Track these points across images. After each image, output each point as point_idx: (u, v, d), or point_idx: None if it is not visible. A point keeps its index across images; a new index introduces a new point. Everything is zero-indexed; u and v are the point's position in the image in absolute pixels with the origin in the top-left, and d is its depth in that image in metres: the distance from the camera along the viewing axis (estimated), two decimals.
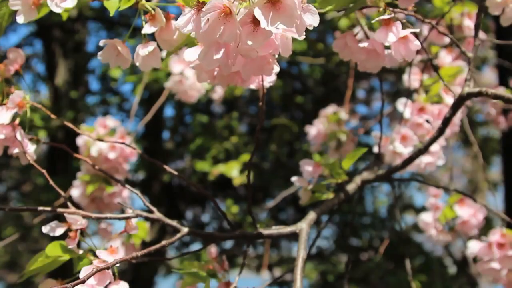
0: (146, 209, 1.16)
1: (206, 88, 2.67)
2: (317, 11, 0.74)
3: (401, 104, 1.60)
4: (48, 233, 1.03)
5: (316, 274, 5.69)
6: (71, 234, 1.03)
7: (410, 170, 1.60)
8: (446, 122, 1.11)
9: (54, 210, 1.07)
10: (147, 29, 0.92)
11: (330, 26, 3.57)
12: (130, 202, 1.93)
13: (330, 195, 1.28)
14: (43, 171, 1.11)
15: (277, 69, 0.84)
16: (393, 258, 4.64)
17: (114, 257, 1.01)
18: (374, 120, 4.22)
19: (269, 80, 0.93)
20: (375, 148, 1.55)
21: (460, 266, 4.87)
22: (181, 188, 5.12)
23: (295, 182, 1.31)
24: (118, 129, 1.89)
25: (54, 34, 5.04)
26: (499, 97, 0.99)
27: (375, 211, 5.74)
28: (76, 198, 1.80)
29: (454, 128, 1.61)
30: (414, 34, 0.94)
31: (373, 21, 0.92)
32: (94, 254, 1.05)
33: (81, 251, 1.05)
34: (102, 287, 0.96)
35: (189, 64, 0.89)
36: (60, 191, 1.11)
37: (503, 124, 2.40)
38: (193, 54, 0.84)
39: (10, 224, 4.88)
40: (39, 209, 1.08)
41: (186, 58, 0.83)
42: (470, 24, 1.77)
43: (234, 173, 3.56)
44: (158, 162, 1.18)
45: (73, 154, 1.22)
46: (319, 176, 1.31)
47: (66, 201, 1.10)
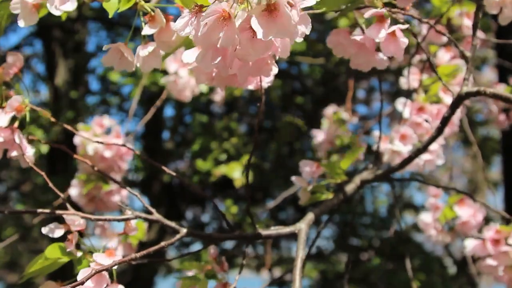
0: (146, 209, 1.16)
1: (204, 89, 2.66)
2: (310, 20, 0.74)
3: (400, 104, 1.60)
4: (47, 234, 1.03)
5: (316, 273, 5.69)
6: (70, 236, 1.03)
7: (410, 169, 1.60)
8: (445, 121, 1.11)
9: (53, 212, 1.07)
10: (147, 30, 0.92)
11: (330, 26, 3.56)
12: (129, 201, 1.93)
13: (330, 195, 1.28)
14: (42, 173, 1.11)
15: (275, 70, 0.84)
16: (393, 258, 4.65)
17: (111, 259, 1.01)
18: (374, 120, 4.21)
19: (267, 80, 0.93)
20: (375, 147, 1.55)
21: (460, 266, 4.87)
22: (181, 188, 5.12)
23: (295, 181, 1.31)
24: (113, 128, 1.89)
25: (54, 34, 5.04)
26: (497, 96, 1.00)
27: (375, 211, 5.73)
28: (74, 197, 1.80)
29: (453, 127, 1.60)
30: (413, 33, 0.94)
31: (365, 15, 0.92)
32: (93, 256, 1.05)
33: (80, 253, 1.05)
34: None
35: (184, 64, 0.89)
36: (59, 193, 1.11)
37: (504, 122, 2.39)
38: (191, 56, 0.84)
39: (10, 224, 4.88)
40: (38, 211, 1.08)
41: (184, 60, 0.83)
42: (468, 23, 1.77)
43: (236, 174, 3.55)
44: (157, 164, 1.18)
45: (72, 154, 1.22)
46: (319, 176, 1.31)
47: (65, 202, 1.10)
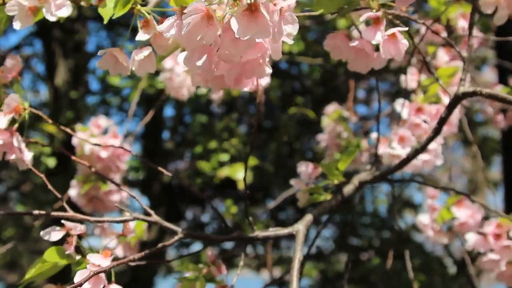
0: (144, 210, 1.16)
1: (203, 90, 2.65)
2: (297, 20, 0.74)
3: (399, 104, 1.60)
4: (46, 238, 1.03)
5: (316, 273, 5.68)
6: (69, 239, 1.03)
7: (409, 170, 1.60)
8: (442, 122, 1.11)
9: (49, 214, 1.07)
10: (141, 36, 0.93)
11: (329, 26, 3.57)
12: (130, 201, 1.92)
13: (328, 197, 1.28)
14: (41, 175, 1.11)
15: (269, 71, 0.84)
16: (393, 257, 4.63)
17: (107, 260, 1.01)
18: (374, 120, 4.21)
19: (263, 82, 0.93)
20: (373, 149, 1.55)
21: (460, 266, 4.87)
22: (181, 188, 5.12)
23: (293, 184, 1.31)
24: (110, 128, 1.88)
25: (54, 34, 5.04)
26: (494, 96, 1.00)
27: (375, 211, 5.73)
28: (73, 198, 1.80)
29: (451, 128, 1.60)
30: (410, 35, 0.94)
31: (361, 18, 0.92)
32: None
33: (78, 256, 1.05)
34: None
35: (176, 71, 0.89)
36: (58, 195, 1.11)
37: (502, 123, 2.38)
38: (181, 56, 0.84)
39: (10, 224, 4.88)
40: (37, 213, 1.07)
41: (179, 62, 0.83)
42: (464, 24, 1.76)
43: (239, 175, 3.54)
44: (154, 165, 1.18)
45: (70, 156, 1.22)
46: (317, 177, 1.31)
47: (64, 204, 1.10)
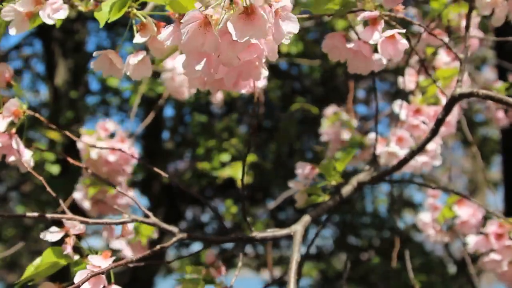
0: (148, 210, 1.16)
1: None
2: (296, 18, 0.74)
3: (397, 105, 1.60)
4: (45, 239, 1.04)
5: (316, 273, 5.68)
6: (67, 240, 1.04)
7: (408, 170, 1.60)
8: (439, 123, 1.12)
9: (50, 216, 1.07)
10: (138, 39, 0.93)
11: (328, 27, 3.57)
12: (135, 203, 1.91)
13: (326, 198, 1.28)
14: (41, 178, 1.11)
15: (265, 73, 0.84)
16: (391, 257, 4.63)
17: (107, 261, 1.01)
18: (374, 120, 4.20)
19: (259, 84, 0.93)
20: (371, 149, 1.54)
21: (460, 266, 4.87)
22: (181, 188, 5.11)
23: (291, 186, 1.31)
24: (118, 132, 1.87)
25: (54, 34, 5.04)
26: (490, 97, 1.00)
27: (375, 211, 5.73)
28: (78, 201, 1.79)
29: (450, 129, 1.60)
30: (407, 37, 0.94)
31: (358, 18, 0.92)
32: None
33: (77, 256, 1.05)
34: None
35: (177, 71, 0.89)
36: (56, 196, 1.11)
37: (503, 120, 2.38)
38: (179, 61, 0.84)
39: (10, 224, 4.88)
40: (36, 215, 1.08)
41: (176, 66, 0.84)
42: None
43: (241, 174, 3.52)
44: (155, 168, 1.19)
45: (70, 160, 1.22)
46: (314, 179, 1.31)
47: (63, 205, 1.10)
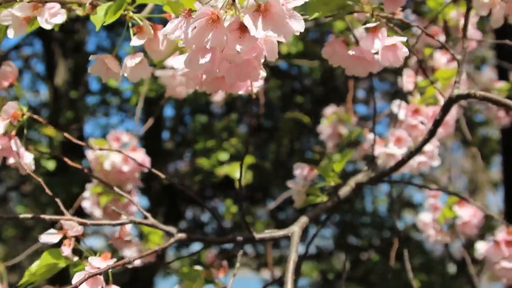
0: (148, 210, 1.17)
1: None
2: (301, 17, 0.74)
3: (395, 105, 1.61)
4: (44, 242, 1.04)
5: (316, 273, 5.69)
6: (66, 241, 1.04)
7: (406, 171, 1.60)
8: (437, 124, 1.12)
9: (48, 218, 1.08)
10: (135, 41, 0.93)
11: (327, 27, 3.57)
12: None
13: (324, 198, 1.28)
14: (40, 180, 1.11)
15: (263, 74, 0.84)
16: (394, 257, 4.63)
17: (107, 262, 1.02)
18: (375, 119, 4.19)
19: (256, 85, 0.93)
20: (370, 150, 1.55)
21: (460, 266, 4.87)
22: (180, 189, 5.10)
23: (290, 186, 1.31)
24: (130, 142, 1.87)
25: (54, 34, 5.03)
26: (488, 99, 1.00)
27: (375, 210, 5.73)
28: (87, 209, 1.79)
29: (448, 129, 1.61)
30: (405, 37, 0.94)
31: (359, 30, 0.92)
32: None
33: (76, 258, 1.06)
34: None
35: (177, 70, 0.89)
36: (55, 198, 1.11)
37: (504, 119, 2.38)
38: (181, 62, 0.85)
39: (10, 225, 4.88)
40: (35, 216, 1.08)
41: (175, 66, 0.84)
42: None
43: (239, 174, 3.52)
44: (154, 170, 1.19)
45: (68, 163, 1.22)
46: (312, 180, 1.31)
47: (61, 206, 1.10)
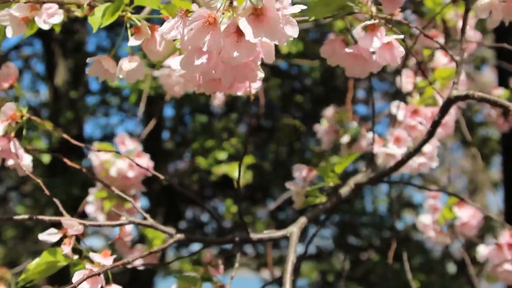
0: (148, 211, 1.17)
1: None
2: (296, 23, 0.74)
3: (394, 106, 1.61)
4: (44, 240, 1.04)
5: (316, 274, 5.69)
6: (66, 240, 1.04)
7: (405, 171, 1.60)
8: (435, 125, 1.13)
9: (47, 219, 1.08)
10: (132, 42, 0.94)
11: (328, 27, 3.56)
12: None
13: (324, 199, 1.28)
14: (39, 180, 1.11)
15: (261, 75, 0.84)
16: (393, 257, 4.63)
17: (107, 260, 1.02)
18: (375, 119, 4.19)
19: (254, 86, 0.93)
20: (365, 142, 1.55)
21: (460, 266, 4.87)
22: (179, 189, 5.10)
23: (289, 187, 1.31)
24: (136, 148, 1.86)
25: (54, 34, 5.03)
26: (485, 100, 1.00)
27: (375, 210, 5.73)
28: (91, 214, 1.79)
29: (447, 130, 1.61)
30: (403, 39, 0.94)
31: (358, 28, 0.92)
32: (89, 259, 1.05)
33: (76, 256, 1.06)
34: None
35: (175, 71, 0.89)
36: (54, 199, 1.11)
37: (503, 126, 2.38)
38: (178, 63, 0.84)
39: (10, 225, 4.88)
40: (34, 217, 1.08)
41: (172, 67, 0.84)
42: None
43: (237, 173, 3.51)
44: (152, 171, 1.19)
45: (68, 163, 1.22)
46: (311, 181, 1.31)
47: (60, 207, 1.10)
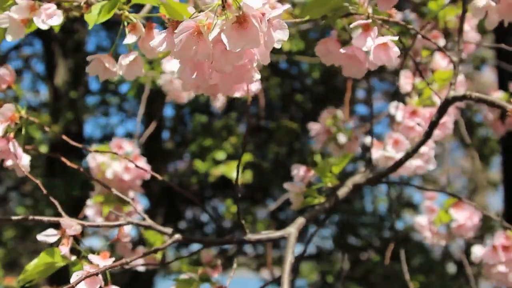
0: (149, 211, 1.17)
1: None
2: (287, 27, 0.74)
3: (393, 107, 1.61)
4: (42, 241, 1.04)
5: (316, 274, 5.69)
6: (64, 241, 1.04)
7: (403, 172, 1.59)
8: (433, 126, 1.13)
9: (46, 219, 1.08)
10: (128, 39, 0.94)
11: (328, 26, 3.56)
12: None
13: (322, 199, 1.28)
14: (37, 181, 1.12)
15: (258, 76, 0.84)
16: (392, 258, 4.63)
17: (106, 261, 1.02)
18: (374, 120, 4.20)
19: (253, 88, 0.93)
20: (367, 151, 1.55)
21: (459, 266, 4.87)
22: (180, 188, 5.10)
23: (287, 188, 1.31)
24: (133, 150, 1.87)
25: (54, 34, 5.03)
26: (483, 100, 1.00)
27: (375, 210, 5.73)
28: (90, 217, 1.79)
29: (446, 130, 1.60)
30: (400, 40, 0.94)
31: (351, 26, 0.92)
32: (88, 259, 1.06)
33: (74, 257, 1.06)
34: None
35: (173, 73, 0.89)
36: (53, 200, 1.11)
37: (501, 128, 2.38)
38: (174, 65, 0.85)
39: (10, 225, 4.87)
40: (32, 218, 1.08)
41: (169, 69, 0.84)
42: (466, 27, 1.76)
43: (235, 173, 3.51)
44: (151, 172, 1.20)
45: (67, 163, 1.22)
46: (309, 181, 1.31)
47: (59, 208, 1.10)
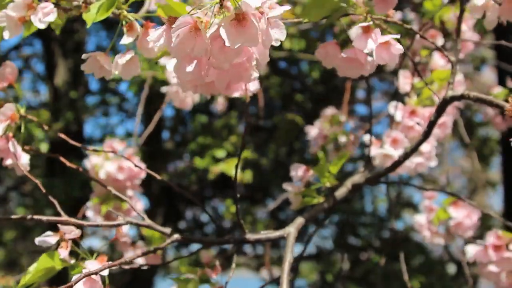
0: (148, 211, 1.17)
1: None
2: (284, 26, 0.74)
3: (392, 107, 1.61)
4: (40, 244, 1.03)
5: (315, 274, 5.69)
6: (63, 244, 1.04)
7: (403, 172, 1.60)
8: (431, 125, 1.13)
9: (46, 219, 1.08)
10: (125, 39, 0.94)
11: (328, 27, 3.56)
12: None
13: (321, 199, 1.28)
14: (37, 181, 1.11)
15: (256, 75, 0.84)
16: (392, 258, 4.64)
17: (103, 266, 1.02)
18: (374, 120, 4.20)
19: (252, 88, 0.93)
20: (366, 151, 1.55)
21: (460, 266, 4.86)
22: (180, 188, 5.10)
23: (286, 188, 1.32)
24: (125, 150, 1.88)
25: (54, 34, 5.02)
26: (481, 100, 1.00)
27: (375, 210, 5.73)
28: (91, 218, 1.80)
29: (445, 130, 1.61)
30: (399, 39, 0.94)
31: (352, 30, 0.92)
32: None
33: (73, 260, 1.06)
34: None
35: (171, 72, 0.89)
36: (53, 200, 1.11)
37: (501, 125, 2.39)
38: (173, 66, 0.85)
39: (10, 225, 4.88)
40: (31, 217, 1.08)
41: (168, 69, 0.84)
42: (464, 27, 1.76)
43: (235, 171, 3.51)
44: (151, 172, 1.20)
45: (67, 164, 1.22)
46: (308, 181, 1.31)
47: (58, 208, 1.10)
